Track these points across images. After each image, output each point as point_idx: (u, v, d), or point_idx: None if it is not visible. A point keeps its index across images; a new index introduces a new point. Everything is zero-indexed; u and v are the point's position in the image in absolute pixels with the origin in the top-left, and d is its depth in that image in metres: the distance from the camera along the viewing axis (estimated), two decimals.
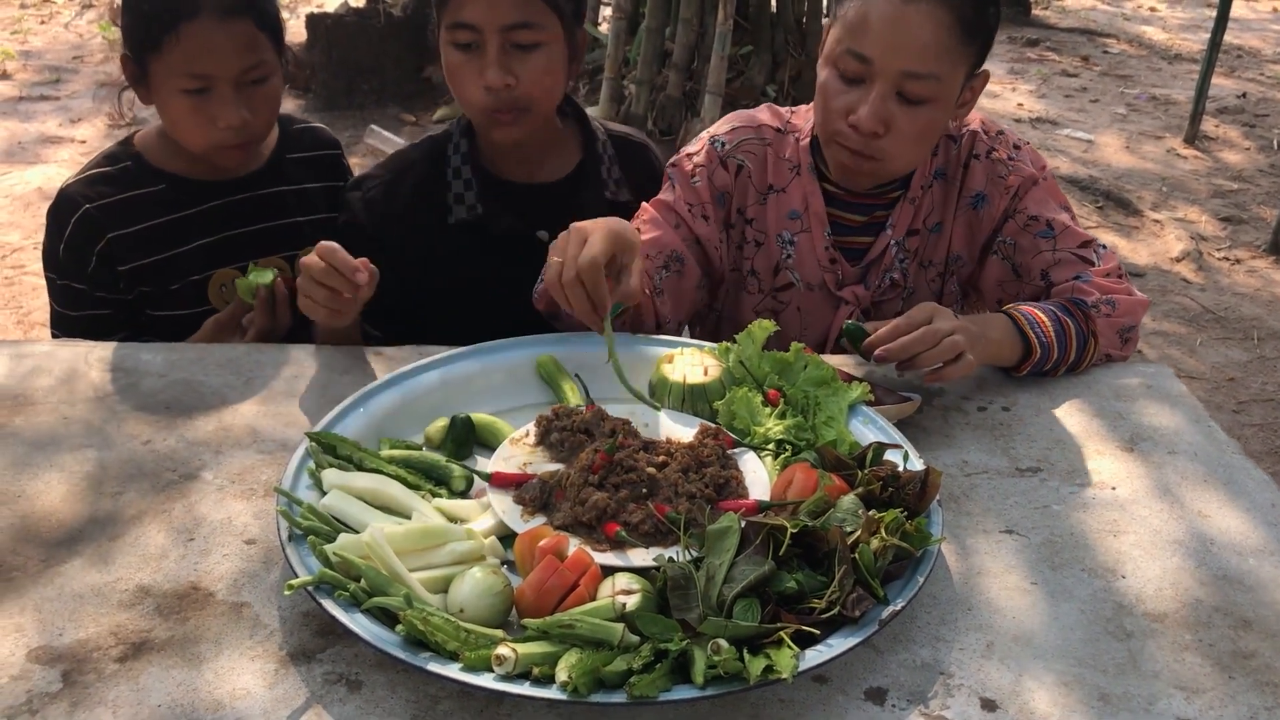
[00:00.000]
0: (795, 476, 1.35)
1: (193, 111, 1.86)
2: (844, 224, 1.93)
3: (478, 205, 1.97)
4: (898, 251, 1.93)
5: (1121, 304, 1.78)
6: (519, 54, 1.83)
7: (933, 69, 1.69)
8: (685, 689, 1.08)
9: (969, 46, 1.72)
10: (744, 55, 5.65)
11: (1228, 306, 4.69)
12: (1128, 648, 1.23)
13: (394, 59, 6.44)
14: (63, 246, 1.93)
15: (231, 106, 1.85)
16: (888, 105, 1.71)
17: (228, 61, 1.83)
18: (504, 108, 1.86)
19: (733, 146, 1.94)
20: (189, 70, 1.82)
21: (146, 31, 1.82)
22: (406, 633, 1.12)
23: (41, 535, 1.35)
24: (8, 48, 7.28)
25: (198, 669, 1.15)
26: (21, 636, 1.19)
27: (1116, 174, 6.07)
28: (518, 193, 2.02)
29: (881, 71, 1.69)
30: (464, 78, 1.86)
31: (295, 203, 2.08)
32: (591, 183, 2.04)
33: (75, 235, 1.92)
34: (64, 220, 1.92)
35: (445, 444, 1.50)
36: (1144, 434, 1.64)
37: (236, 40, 1.83)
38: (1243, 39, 9.40)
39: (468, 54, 1.84)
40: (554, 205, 1.97)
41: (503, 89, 1.83)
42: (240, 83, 1.86)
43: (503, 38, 1.81)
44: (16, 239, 4.72)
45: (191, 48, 1.81)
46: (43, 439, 1.53)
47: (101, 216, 1.92)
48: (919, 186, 1.90)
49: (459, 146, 2.00)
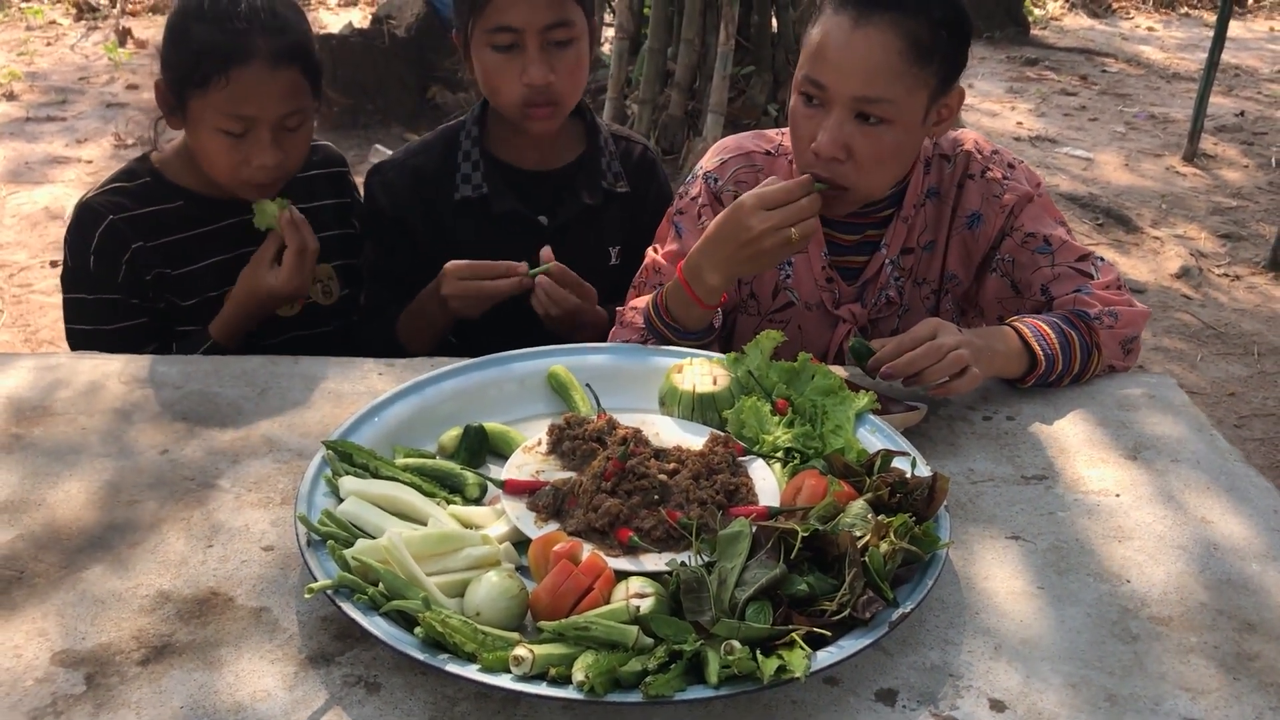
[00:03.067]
0: (805, 483, 1.37)
1: (229, 150, 1.89)
2: (838, 243, 1.96)
3: (483, 185, 2.08)
4: (892, 270, 1.95)
5: (1123, 315, 1.81)
6: (556, 51, 1.95)
7: (883, 93, 1.68)
8: (700, 689, 1.10)
9: (924, 69, 1.69)
10: (745, 75, 5.69)
11: (1228, 322, 4.72)
12: (1134, 650, 1.25)
13: (398, 79, 6.49)
14: (92, 258, 1.94)
15: (268, 150, 1.88)
16: (845, 130, 1.70)
17: (271, 107, 1.86)
18: (541, 102, 1.97)
19: (725, 180, 1.98)
20: (233, 112, 1.85)
21: (195, 68, 1.84)
22: (425, 635, 1.14)
23: (63, 542, 1.37)
24: (14, 69, 7.34)
25: (218, 671, 1.17)
26: (45, 640, 1.21)
27: (1116, 191, 6.11)
28: (521, 177, 2.12)
29: (836, 97, 1.70)
30: (503, 77, 1.96)
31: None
32: (591, 172, 2.14)
33: (104, 244, 1.94)
34: (89, 232, 1.94)
35: (459, 453, 1.52)
36: (1147, 442, 1.66)
37: (283, 88, 1.87)
38: (1240, 58, 9.45)
39: (507, 54, 1.94)
40: (555, 191, 2.12)
41: (544, 86, 1.94)
42: (279, 127, 1.89)
43: (542, 37, 1.92)
44: (24, 258, 4.75)
45: (239, 92, 1.83)
46: (63, 449, 1.55)
47: (126, 227, 1.95)
48: (911, 205, 1.92)
49: (470, 132, 2.11)
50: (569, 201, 2.11)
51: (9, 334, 4.14)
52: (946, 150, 1.95)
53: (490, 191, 2.07)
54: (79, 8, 9.28)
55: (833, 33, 1.70)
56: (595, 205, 2.12)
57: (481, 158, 2.09)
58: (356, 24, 7.34)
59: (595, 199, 2.12)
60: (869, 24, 1.67)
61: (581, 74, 2.02)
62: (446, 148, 2.12)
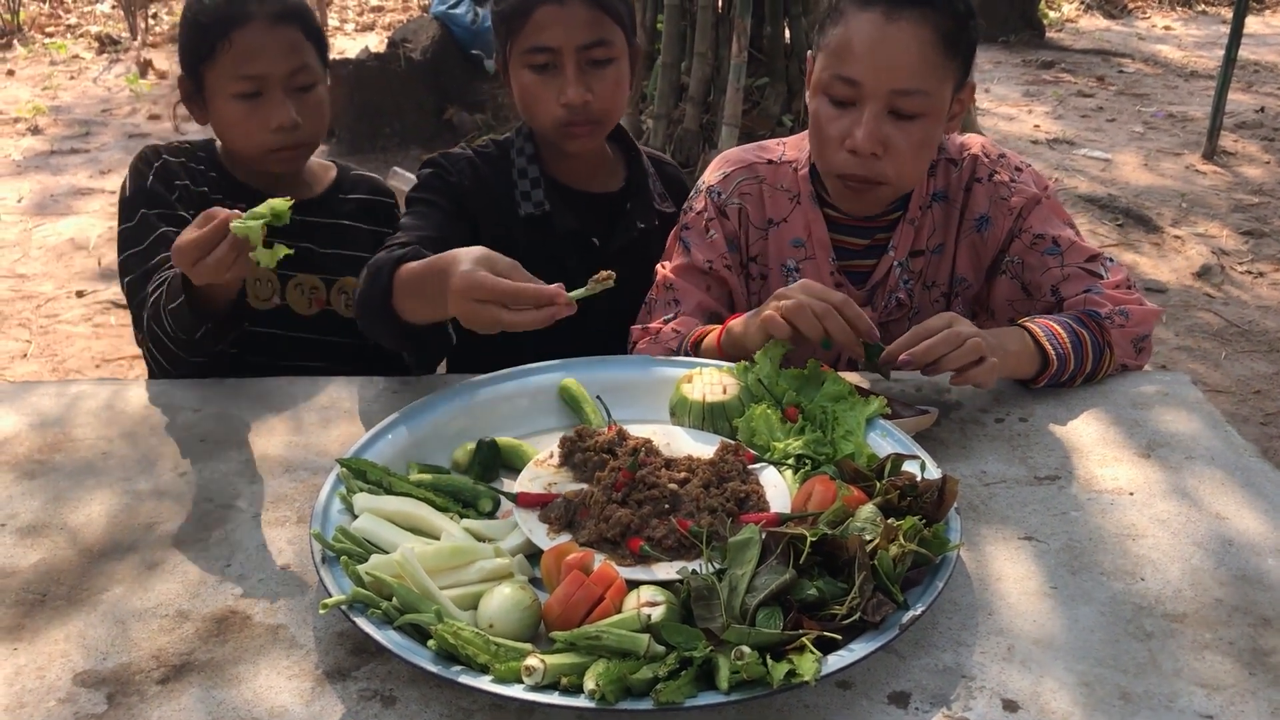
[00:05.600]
0: (815, 489, 1.38)
1: (246, 116, 1.97)
2: (847, 248, 1.97)
3: (545, 203, 2.06)
4: (901, 273, 1.96)
5: (1134, 314, 1.80)
6: (594, 70, 1.95)
7: (920, 85, 1.74)
8: (711, 695, 1.10)
9: (953, 60, 1.76)
10: (759, 86, 5.70)
11: (1251, 320, 4.68)
12: (1148, 648, 1.25)
13: (415, 102, 6.55)
14: (151, 177, 2.01)
15: (283, 108, 1.97)
16: (882, 125, 1.75)
17: (276, 63, 1.96)
18: (580, 121, 1.96)
19: (729, 193, 2.00)
20: (241, 72, 1.95)
21: (202, 40, 1.96)
22: (438, 647, 1.15)
23: (83, 565, 1.39)
24: (39, 104, 7.46)
25: (237, 688, 1.19)
26: (67, 661, 1.23)
27: (1136, 192, 6.08)
28: (577, 198, 2.12)
29: (872, 93, 1.74)
30: (541, 97, 1.96)
31: (339, 235, 2.14)
32: (642, 194, 2.15)
33: (160, 171, 2.02)
34: (150, 160, 2.03)
35: (472, 467, 1.53)
36: (1161, 440, 1.66)
37: (284, 44, 1.97)
38: (1259, 54, 9.40)
39: (544, 74, 1.94)
40: (608, 213, 2.12)
41: (582, 105, 1.93)
42: (289, 87, 1.98)
43: (579, 56, 1.92)
44: (50, 289, 4.81)
45: (243, 51, 1.94)
46: (82, 472, 1.58)
47: (178, 169, 2.04)
48: (917, 207, 1.94)
49: (523, 150, 2.10)
50: (623, 225, 2.11)
51: (37, 364, 4.20)
52: (954, 154, 1.96)
53: (553, 210, 2.07)
54: (101, 41, 9.43)
55: (863, 29, 1.73)
56: (648, 229, 2.13)
57: (540, 175, 2.09)
58: (373, 48, 7.42)
59: (650, 222, 2.13)
60: (900, 18, 1.72)
61: (621, 94, 2.01)
62: (502, 159, 2.11)
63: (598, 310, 2.14)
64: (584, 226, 2.09)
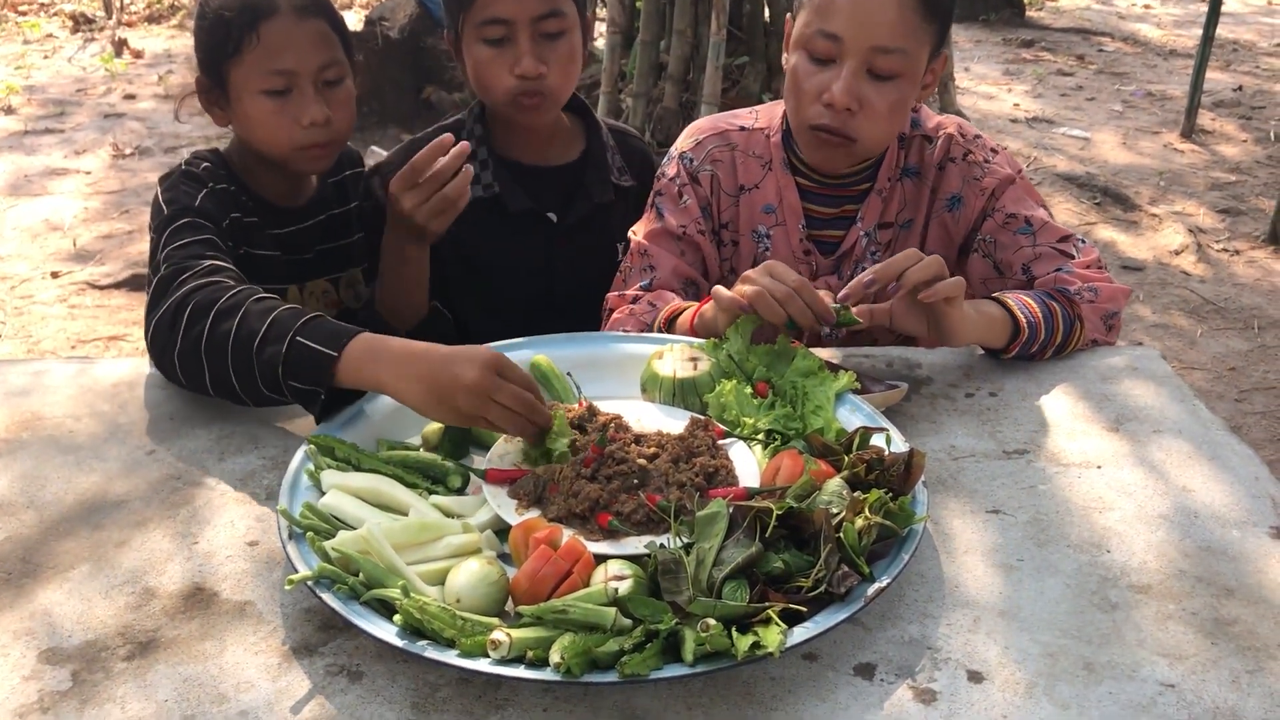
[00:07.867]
0: (783, 464, 1.38)
1: (276, 113, 1.87)
2: (816, 217, 1.98)
3: (494, 184, 2.06)
4: (869, 244, 1.97)
5: (1104, 291, 1.81)
6: (547, 43, 1.95)
7: (900, 43, 1.75)
8: (676, 667, 1.11)
9: (931, 24, 1.78)
10: (739, 65, 5.68)
11: (1228, 297, 4.71)
12: (1112, 619, 1.26)
13: (392, 81, 6.50)
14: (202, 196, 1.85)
15: (314, 104, 1.87)
16: (859, 82, 1.77)
17: (306, 57, 1.86)
18: (532, 92, 1.96)
19: (701, 160, 2.00)
20: (271, 68, 1.85)
21: (226, 36, 1.85)
22: (404, 622, 1.15)
23: (49, 542, 1.38)
24: (12, 83, 7.37)
25: (203, 665, 1.19)
26: (32, 639, 1.22)
27: (1114, 170, 6.10)
28: (529, 174, 2.11)
29: (852, 48, 1.75)
30: (495, 70, 1.95)
31: (331, 230, 2.09)
32: (598, 166, 2.14)
33: (209, 197, 1.87)
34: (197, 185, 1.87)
35: (442, 445, 1.53)
36: (1130, 414, 1.66)
37: (312, 36, 1.88)
38: (1237, 33, 9.41)
39: (498, 48, 1.94)
40: (563, 187, 2.11)
41: (536, 77, 1.93)
42: (319, 81, 1.88)
43: (533, 28, 1.92)
44: (25, 270, 4.77)
45: (272, 45, 1.84)
46: (50, 451, 1.57)
47: (227, 197, 1.91)
48: (886, 179, 1.95)
49: (473, 131, 2.09)
50: (580, 199, 2.11)
51: (11, 345, 4.17)
52: (929, 132, 1.97)
53: (502, 191, 2.06)
54: (75, 20, 9.32)
55: None
56: (605, 202, 2.13)
57: (489, 156, 2.08)
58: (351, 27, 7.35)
59: (606, 196, 2.13)
60: None
61: (574, 66, 2.01)
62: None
63: (564, 281, 2.14)
64: (539, 203, 2.09)
